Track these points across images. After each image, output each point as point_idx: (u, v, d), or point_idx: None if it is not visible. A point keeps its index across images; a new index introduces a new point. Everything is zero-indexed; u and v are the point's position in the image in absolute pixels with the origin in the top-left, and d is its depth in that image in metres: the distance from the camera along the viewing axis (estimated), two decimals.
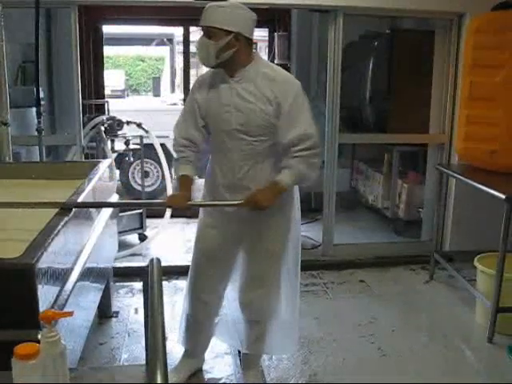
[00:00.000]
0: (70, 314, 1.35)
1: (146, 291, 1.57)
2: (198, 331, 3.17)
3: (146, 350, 1.36)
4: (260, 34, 8.49)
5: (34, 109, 4.70)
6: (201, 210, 3.07)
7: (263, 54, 7.88)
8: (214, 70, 2.81)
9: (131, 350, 3.57)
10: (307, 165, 2.73)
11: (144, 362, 1.49)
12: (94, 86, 6.53)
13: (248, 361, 3.24)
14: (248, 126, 2.71)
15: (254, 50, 2.81)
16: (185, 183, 2.89)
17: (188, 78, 6.61)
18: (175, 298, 4.32)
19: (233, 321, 3.22)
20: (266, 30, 6.95)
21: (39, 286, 1.98)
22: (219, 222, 2.97)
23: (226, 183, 2.86)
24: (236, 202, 2.77)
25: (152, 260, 1.72)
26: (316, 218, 5.91)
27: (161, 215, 5.76)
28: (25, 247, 2.09)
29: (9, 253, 2.02)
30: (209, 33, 2.64)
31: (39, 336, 1.81)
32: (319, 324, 4.00)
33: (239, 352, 3.38)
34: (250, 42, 2.73)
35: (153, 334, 1.29)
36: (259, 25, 7.29)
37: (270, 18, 6.47)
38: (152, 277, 1.60)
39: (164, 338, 1.28)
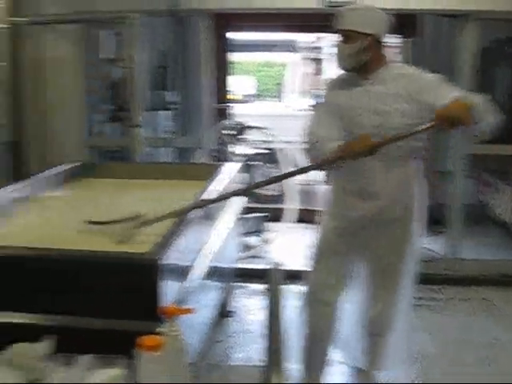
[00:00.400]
0: (191, 311, 1.41)
1: (267, 294, 1.60)
2: (317, 342, 3.09)
3: (267, 350, 1.37)
4: (387, 40, 8.32)
5: (166, 112, 4.94)
6: (326, 213, 2.99)
7: None
8: (346, 73, 2.80)
9: (246, 350, 3.64)
10: (483, 100, 2.46)
11: (259, 364, 1.52)
12: (221, 90, 6.70)
13: (362, 373, 3.19)
14: (383, 128, 2.62)
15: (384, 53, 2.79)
16: None
17: (313, 84, 6.61)
18: (289, 302, 4.35)
19: (347, 336, 3.16)
20: (394, 35, 6.79)
21: (162, 282, 2.08)
22: (343, 227, 2.90)
23: (355, 189, 2.79)
24: (427, 125, 2.44)
25: (273, 264, 1.76)
26: (440, 230, 5.70)
27: (282, 219, 5.84)
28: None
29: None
30: (346, 37, 2.65)
31: (159, 329, 1.92)
32: (433, 340, 3.86)
33: None
34: (382, 45, 2.73)
35: (271, 337, 1.31)
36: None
37: (398, 23, 6.32)
38: (273, 280, 1.63)
39: (283, 341, 1.29)
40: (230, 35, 6.73)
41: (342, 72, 2.82)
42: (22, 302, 2.09)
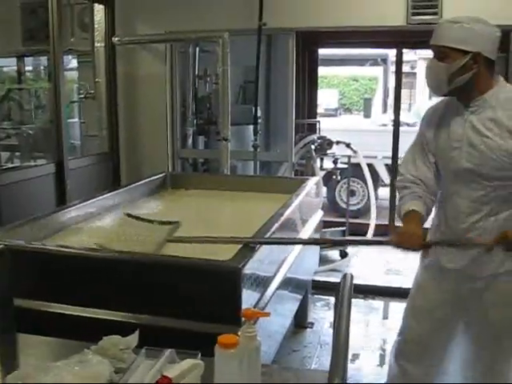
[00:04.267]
0: (268, 314, 1.52)
1: (336, 305, 1.68)
2: None
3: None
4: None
5: (252, 126, 5.10)
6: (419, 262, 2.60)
7: None
8: (448, 99, 2.38)
9: (321, 361, 3.72)
10: None
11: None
12: (307, 105, 6.82)
13: None
14: (482, 166, 2.20)
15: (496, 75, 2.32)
16: (414, 219, 2.32)
17: (399, 99, 6.59)
18: (369, 318, 4.38)
19: None
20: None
21: (243, 289, 2.21)
22: (438, 280, 2.47)
23: (448, 233, 2.38)
24: (486, 241, 2.19)
25: (345, 275, 1.83)
26: None
27: (363, 234, 5.87)
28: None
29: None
30: (441, 54, 2.21)
31: (239, 333, 2.03)
32: None
33: None
34: (491, 64, 2.24)
35: (336, 348, 1.38)
36: None
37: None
38: (343, 291, 1.70)
39: (346, 352, 1.35)
40: (318, 51, 6.87)
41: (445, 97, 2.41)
42: (114, 301, 2.27)
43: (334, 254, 5.82)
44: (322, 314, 4.50)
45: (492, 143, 2.18)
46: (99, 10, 5.16)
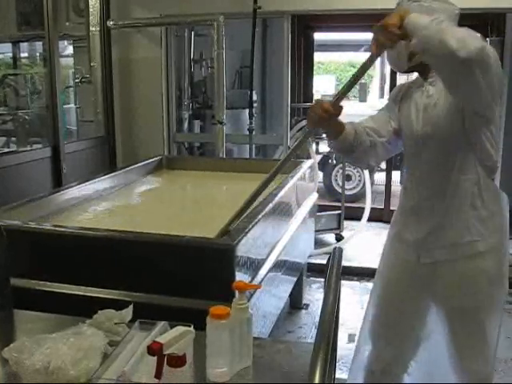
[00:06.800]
0: (259, 286, 1.55)
1: (325, 275, 1.71)
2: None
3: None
4: None
5: (247, 110, 5.12)
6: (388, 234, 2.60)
7: None
8: (415, 77, 2.42)
9: None
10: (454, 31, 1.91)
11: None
12: (303, 90, 6.84)
13: None
14: (435, 130, 2.23)
15: None
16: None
17: (394, 84, 6.61)
18: (364, 298, 4.40)
19: None
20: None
21: (236, 267, 2.23)
22: (399, 252, 2.46)
23: (410, 203, 2.38)
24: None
25: (335, 249, 1.86)
26: None
27: (358, 218, 5.90)
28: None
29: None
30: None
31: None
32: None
33: None
34: None
35: (322, 323, 1.40)
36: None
37: (482, 22, 6.21)
38: (332, 264, 1.72)
39: (331, 329, 1.36)
40: (314, 35, 6.88)
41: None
42: (109, 279, 2.30)
43: (329, 237, 5.85)
44: (317, 295, 4.53)
45: (444, 109, 2.19)
46: None
